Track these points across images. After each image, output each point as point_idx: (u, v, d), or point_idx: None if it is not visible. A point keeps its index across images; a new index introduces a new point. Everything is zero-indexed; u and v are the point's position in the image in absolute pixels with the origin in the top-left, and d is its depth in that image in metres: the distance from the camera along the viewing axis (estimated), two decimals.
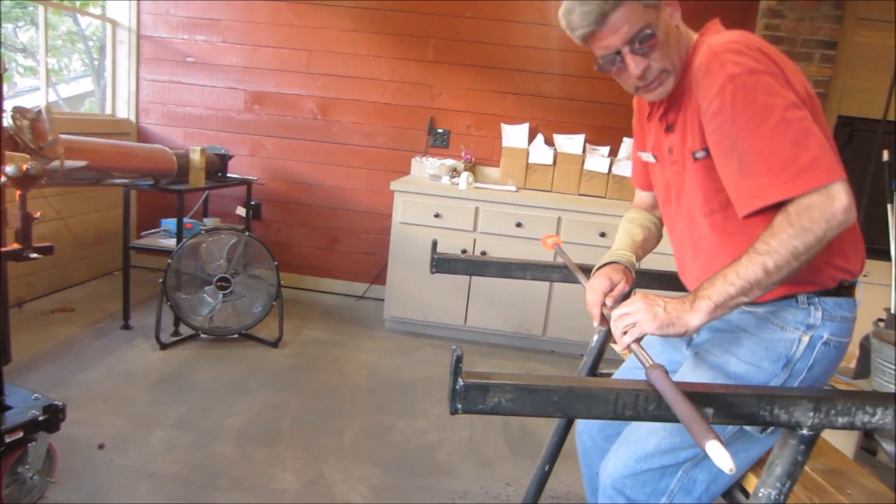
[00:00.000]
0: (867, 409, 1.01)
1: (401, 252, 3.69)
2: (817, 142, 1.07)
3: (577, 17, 1.20)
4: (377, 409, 2.83)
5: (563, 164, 3.98)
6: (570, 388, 0.95)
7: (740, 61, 1.11)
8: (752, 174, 1.10)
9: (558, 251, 1.80)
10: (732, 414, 0.99)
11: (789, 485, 1.03)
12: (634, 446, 1.34)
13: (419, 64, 4.14)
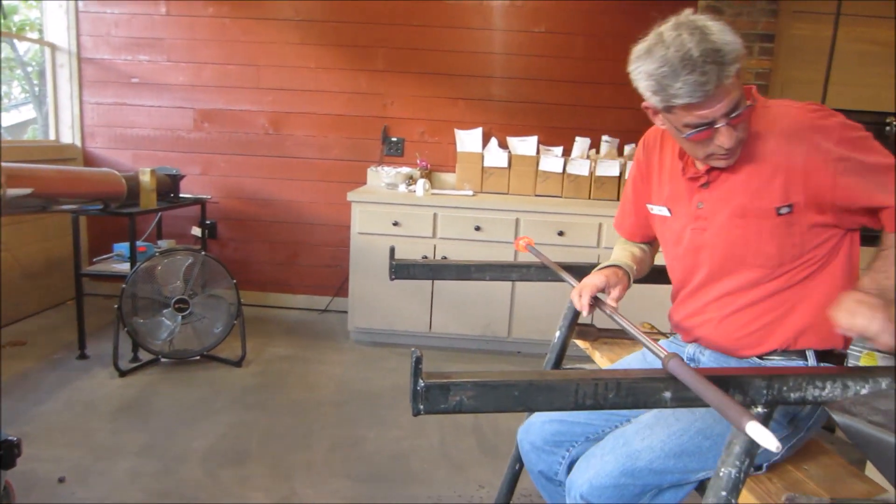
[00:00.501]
0: (817, 383, 1.04)
1: (361, 262, 3.67)
2: None
3: (684, 88, 1.14)
4: (346, 422, 2.80)
5: (518, 166, 4.01)
6: (530, 382, 0.96)
7: (835, 113, 1.26)
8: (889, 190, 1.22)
9: (532, 251, 1.82)
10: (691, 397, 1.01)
11: (748, 462, 1.06)
12: (624, 459, 1.32)
13: (369, 74, 4.14)
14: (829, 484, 1.28)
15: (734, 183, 1.32)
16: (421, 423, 2.81)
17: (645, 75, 1.20)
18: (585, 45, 4.08)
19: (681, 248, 1.45)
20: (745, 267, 1.35)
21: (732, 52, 1.14)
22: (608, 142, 4.08)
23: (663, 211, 1.48)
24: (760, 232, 1.31)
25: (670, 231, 1.48)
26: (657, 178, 1.51)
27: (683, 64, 1.13)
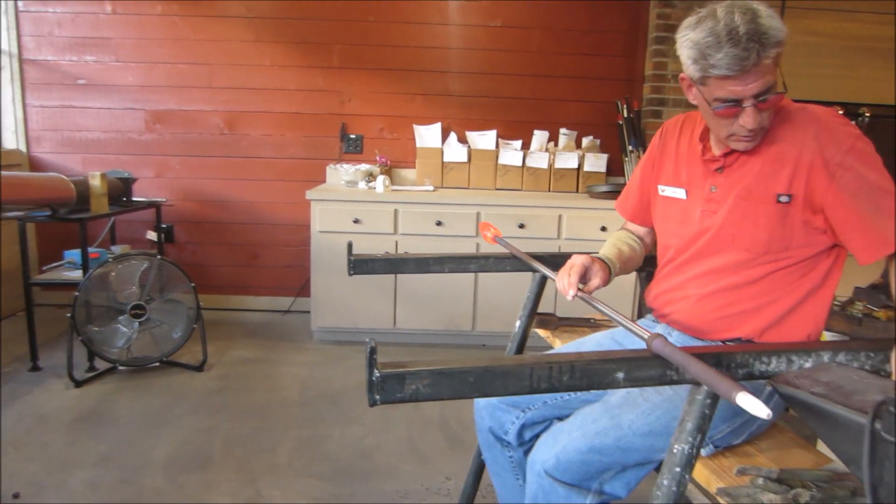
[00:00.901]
0: (763, 359, 1.07)
1: (322, 261, 3.65)
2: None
3: (725, 59, 1.19)
4: (311, 421, 2.78)
5: (477, 160, 4.03)
6: (485, 368, 0.97)
7: (855, 126, 1.30)
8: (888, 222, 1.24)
9: (500, 242, 1.82)
10: (641, 377, 1.03)
11: (700, 437, 1.08)
12: (592, 436, 1.34)
13: (325, 71, 4.10)
14: (779, 456, 1.32)
15: (747, 169, 1.37)
16: (387, 418, 2.81)
17: (690, 43, 1.25)
18: (542, 38, 4.11)
19: (687, 228, 1.49)
20: (733, 248, 1.39)
21: (775, 37, 1.19)
22: (566, 134, 4.13)
23: (679, 193, 1.51)
24: (757, 215, 1.35)
25: (681, 212, 1.51)
26: (672, 162, 1.55)
27: (729, 37, 1.18)
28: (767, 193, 1.34)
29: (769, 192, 1.34)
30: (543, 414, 1.58)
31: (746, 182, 1.37)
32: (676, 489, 1.10)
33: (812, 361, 1.09)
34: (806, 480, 1.18)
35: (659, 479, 1.14)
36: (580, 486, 1.35)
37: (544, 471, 1.36)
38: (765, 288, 1.39)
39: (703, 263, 1.45)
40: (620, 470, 1.37)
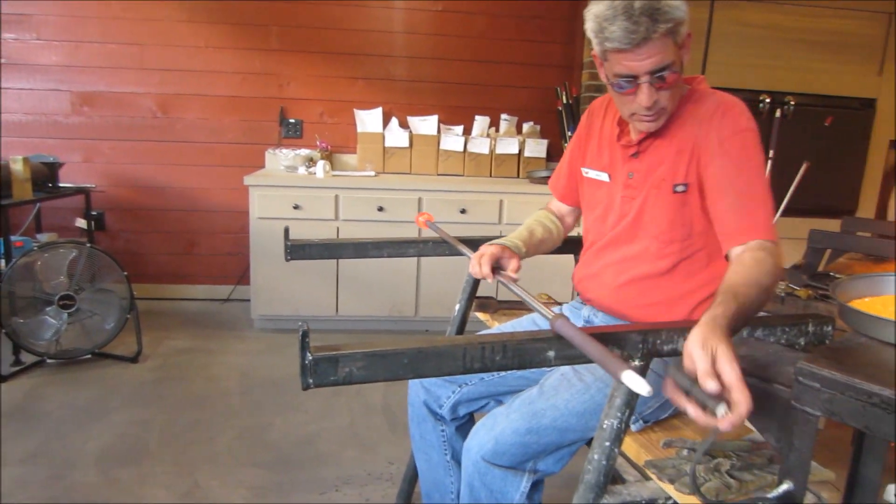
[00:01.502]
0: (686, 334, 1.11)
1: (262, 248, 3.58)
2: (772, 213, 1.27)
3: (617, 31, 1.20)
4: (252, 410, 2.74)
5: (419, 145, 4.02)
6: (418, 350, 0.98)
7: (751, 120, 1.30)
8: (749, 214, 1.24)
9: (431, 227, 1.82)
10: (572, 355, 1.06)
11: (628, 413, 1.12)
12: (529, 417, 1.36)
13: (263, 53, 4.01)
14: (703, 428, 1.38)
15: (659, 157, 1.38)
16: (329, 405, 2.80)
17: (592, 16, 1.25)
18: (484, 24, 4.12)
19: (609, 212, 1.50)
20: (646, 236, 1.42)
21: (670, 13, 1.19)
22: (507, 120, 4.16)
23: (602, 176, 1.52)
24: (662, 204, 1.38)
25: (606, 196, 1.52)
26: (596, 143, 1.55)
27: (624, 10, 1.19)
28: (668, 182, 1.37)
29: (669, 181, 1.37)
30: (480, 390, 1.60)
31: (658, 170, 1.39)
32: (606, 462, 1.14)
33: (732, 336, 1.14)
34: (727, 450, 1.24)
35: (590, 453, 1.17)
36: (516, 468, 1.38)
37: (481, 457, 1.38)
38: (677, 278, 1.42)
39: (620, 250, 1.48)
40: (555, 451, 1.40)
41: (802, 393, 0.86)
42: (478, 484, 1.39)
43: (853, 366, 0.84)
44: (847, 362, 0.86)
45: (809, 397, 0.85)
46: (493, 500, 1.39)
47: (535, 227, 1.66)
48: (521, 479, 1.39)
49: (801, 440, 0.89)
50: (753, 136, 1.29)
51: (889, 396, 0.77)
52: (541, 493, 1.44)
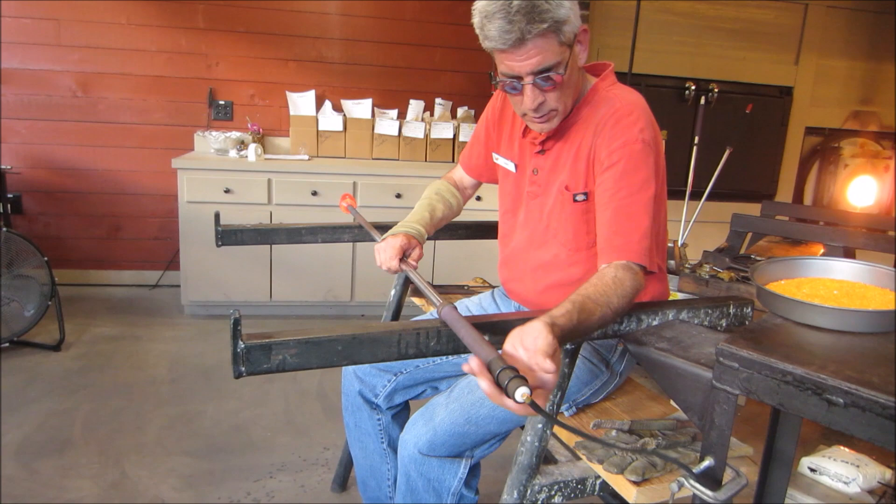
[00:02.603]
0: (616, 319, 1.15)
1: (192, 233, 3.47)
2: (652, 235, 1.21)
3: (494, 31, 1.15)
4: (182, 398, 2.67)
5: (353, 129, 3.97)
6: (353, 336, 0.97)
7: (645, 130, 1.23)
8: (622, 233, 1.20)
9: (352, 211, 1.80)
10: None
11: (560, 395, 1.15)
12: (469, 406, 1.35)
13: (190, 32, 3.85)
14: (633, 409, 1.44)
15: (562, 160, 1.35)
16: (263, 392, 2.76)
17: (476, 12, 1.21)
18: (418, 7, 4.08)
19: (520, 211, 1.48)
20: (554, 242, 1.40)
21: (548, 13, 1.14)
22: (442, 104, 4.15)
23: (510, 165, 1.49)
24: (567, 213, 1.36)
25: (513, 187, 1.50)
26: (508, 131, 1.50)
27: (501, 8, 1.14)
28: (570, 191, 1.34)
29: (571, 189, 1.34)
30: (415, 377, 1.60)
31: (563, 175, 1.35)
32: (539, 444, 1.17)
33: (659, 320, 1.19)
34: (654, 429, 1.29)
35: (523, 435, 1.20)
36: (454, 457, 1.39)
37: (418, 450, 1.37)
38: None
39: (536, 255, 1.44)
40: (493, 437, 1.41)
41: (722, 373, 0.90)
42: (415, 474, 1.40)
43: (769, 346, 0.89)
44: (764, 343, 0.90)
45: (729, 377, 0.90)
46: (430, 488, 1.40)
47: (436, 204, 1.61)
48: (458, 466, 1.40)
49: (721, 418, 0.93)
50: (643, 147, 1.22)
51: (801, 375, 0.81)
52: (478, 477, 1.47)
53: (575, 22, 1.19)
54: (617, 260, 1.18)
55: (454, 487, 1.40)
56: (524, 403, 0.79)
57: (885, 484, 1.42)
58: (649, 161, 1.22)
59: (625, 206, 1.21)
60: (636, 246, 1.19)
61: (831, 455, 1.48)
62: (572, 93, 1.28)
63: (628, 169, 1.22)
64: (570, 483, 1.25)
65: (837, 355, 0.87)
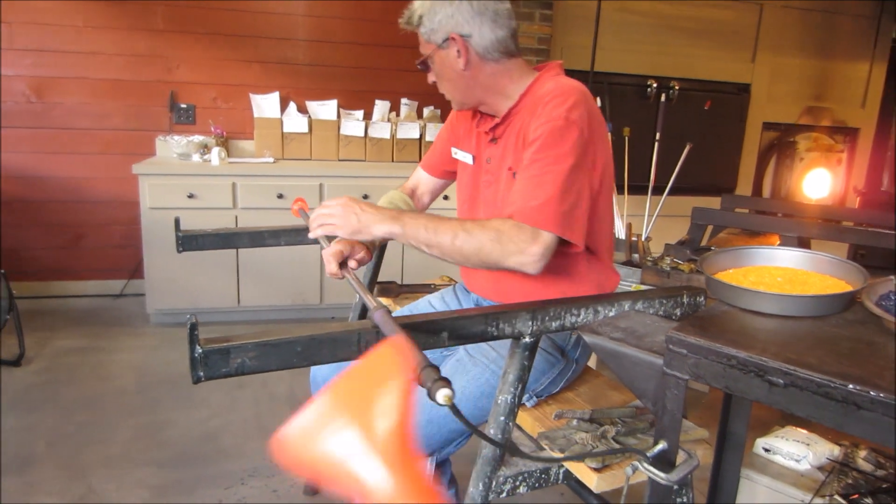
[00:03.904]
0: (573, 311, 1.18)
1: (156, 240, 3.43)
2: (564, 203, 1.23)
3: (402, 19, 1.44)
4: (149, 408, 2.64)
5: (319, 131, 3.96)
6: (311, 337, 0.98)
7: (574, 110, 1.27)
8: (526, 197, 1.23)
9: (302, 215, 1.80)
10: (465, 334, 1.09)
11: (521, 387, 1.17)
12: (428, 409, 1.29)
13: (148, 34, 3.80)
14: (594, 398, 1.47)
15: (510, 143, 1.41)
16: (233, 399, 2.74)
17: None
18: (381, 7, 4.08)
19: (476, 199, 1.53)
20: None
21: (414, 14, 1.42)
22: (407, 104, 4.16)
23: (468, 158, 1.54)
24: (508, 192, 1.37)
25: (470, 178, 1.54)
26: (467, 125, 1.57)
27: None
28: (511, 171, 1.39)
29: (513, 170, 1.39)
30: None
31: (506, 159, 1.42)
32: (502, 436, 1.19)
33: (615, 310, 1.22)
34: (614, 417, 1.32)
35: (486, 428, 1.22)
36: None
37: None
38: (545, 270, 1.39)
39: None
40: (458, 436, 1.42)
41: (672, 359, 0.93)
42: None
43: (716, 332, 0.92)
44: (710, 329, 0.93)
45: (678, 363, 0.92)
46: None
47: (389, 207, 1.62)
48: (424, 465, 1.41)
49: (672, 402, 0.96)
50: (565, 124, 1.26)
51: (744, 358, 0.85)
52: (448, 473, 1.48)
53: (442, 30, 1.38)
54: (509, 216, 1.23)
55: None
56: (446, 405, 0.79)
57: (833, 460, 1.48)
58: (571, 137, 1.26)
59: (536, 175, 1.25)
60: (532, 209, 1.21)
61: (784, 435, 1.53)
62: (457, 87, 1.44)
63: (548, 143, 1.26)
64: (535, 473, 1.28)
65: (779, 339, 0.90)
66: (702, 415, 2.74)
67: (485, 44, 1.37)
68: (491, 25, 1.37)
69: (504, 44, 1.39)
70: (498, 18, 1.37)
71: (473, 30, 1.36)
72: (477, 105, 1.47)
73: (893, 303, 0.98)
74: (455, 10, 1.36)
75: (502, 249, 1.20)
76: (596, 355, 1.14)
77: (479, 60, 1.39)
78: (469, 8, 1.35)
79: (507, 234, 1.20)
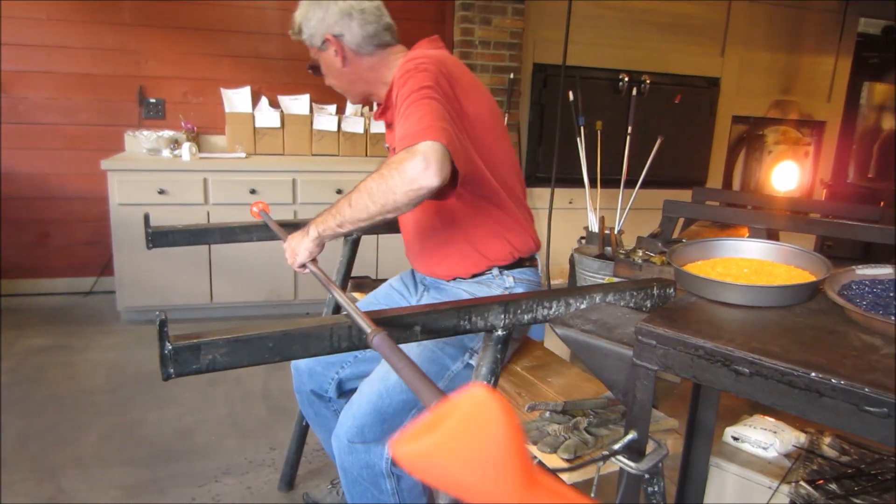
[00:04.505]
0: (545, 304, 1.19)
1: (126, 237, 3.37)
2: (434, 115, 1.23)
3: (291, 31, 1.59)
4: (121, 407, 2.61)
5: (291, 125, 3.93)
6: (283, 332, 0.98)
7: (418, 62, 1.35)
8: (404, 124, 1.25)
9: (265, 217, 1.79)
10: (438, 328, 1.10)
11: (494, 381, 1.18)
12: (378, 382, 1.41)
13: (116, 27, 3.73)
14: (567, 390, 1.48)
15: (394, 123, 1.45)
16: (206, 396, 2.71)
17: None
18: None
19: None
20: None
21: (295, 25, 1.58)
22: None
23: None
24: None
25: None
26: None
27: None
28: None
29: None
30: (356, 371, 1.64)
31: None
32: None
33: (587, 303, 1.23)
34: (586, 409, 1.34)
35: None
36: (379, 440, 1.42)
37: (347, 440, 1.43)
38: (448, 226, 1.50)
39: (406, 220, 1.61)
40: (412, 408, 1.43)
41: (642, 350, 0.95)
42: (348, 464, 1.43)
43: (683, 323, 0.94)
44: (679, 320, 0.95)
45: (648, 354, 0.94)
46: (365, 474, 1.42)
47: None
48: (382, 448, 1.42)
49: (642, 393, 0.97)
50: (416, 67, 1.34)
51: (711, 348, 0.86)
52: None
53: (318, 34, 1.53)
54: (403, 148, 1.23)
55: (384, 469, 1.42)
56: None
57: (799, 447, 1.51)
58: (424, 74, 1.32)
59: (404, 112, 1.28)
60: (409, 135, 1.21)
61: (752, 424, 1.56)
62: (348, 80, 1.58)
63: (404, 84, 1.32)
64: None
65: (744, 329, 0.92)
66: (673, 405, 2.79)
67: (357, 40, 1.51)
68: (359, 23, 1.50)
69: (377, 37, 1.52)
70: (364, 16, 1.51)
71: (344, 29, 1.50)
72: (367, 97, 1.62)
73: (855, 292, 1.01)
74: (325, 13, 1.51)
75: (397, 174, 1.19)
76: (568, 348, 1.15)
77: (355, 56, 1.53)
78: (337, 10, 1.50)
79: (395, 160, 1.20)
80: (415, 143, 1.18)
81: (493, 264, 1.51)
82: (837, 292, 0.99)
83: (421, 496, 1.48)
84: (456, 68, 1.42)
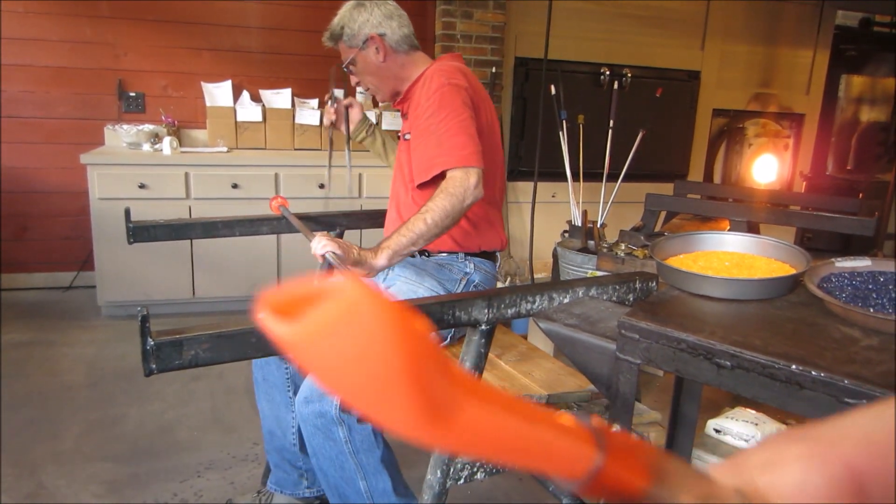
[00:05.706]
0: (528, 298, 1.19)
1: (106, 231, 3.33)
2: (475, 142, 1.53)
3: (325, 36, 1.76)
4: (102, 403, 2.58)
5: (273, 119, 3.90)
6: None
7: (452, 78, 1.58)
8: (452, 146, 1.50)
9: (284, 212, 1.79)
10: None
11: (477, 375, 1.18)
12: None
13: (93, 20, 3.68)
14: (550, 383, 1.49)
15: (411, 115, 1.69)
16: (189, 391, 2.69)
17: None
18: None
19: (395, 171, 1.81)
20: (402, 185, 1.73)
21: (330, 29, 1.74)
22: (363, 93, 4.10)
23: (407, 136, 1.73)
24: (405, 155, 1.70)
25: (404, 155, 1.75)
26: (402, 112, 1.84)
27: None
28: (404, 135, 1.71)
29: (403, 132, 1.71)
30: None
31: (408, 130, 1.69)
32: None
33: (570, 297, 1.23)
34: (570, 402, 1.35)
35: None
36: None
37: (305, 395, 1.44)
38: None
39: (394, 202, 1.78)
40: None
41: (625, 344, 0.95)
42: (306, 415, 1.43)
43: (666, 317, 0.95)
44: (661, 314, 0.96)
45: (630, 347, 0.95)
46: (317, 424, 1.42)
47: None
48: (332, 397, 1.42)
49: (625, 386, 0.98)
50: (449, 90, 1.56)
51: (693, 342, 0.87)
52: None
53: (361, 34, 1.69)
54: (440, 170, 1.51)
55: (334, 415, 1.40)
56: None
57: None
58: (460, 95, 1.56)
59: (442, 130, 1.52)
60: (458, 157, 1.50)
61: (733, 416, 1.58)
62: (379, 78, 1.74)
63: (444, 103, 1.54)
64: None
65: (726, 322, 0.93)
66: (656, 398, 2.81)
67: (396, 38, 1.70)
68: (398, 24, 1.71)
69: (409, 39, 1.73)
70: (401, 20, 1.72)
71: (387, 29, 1.69)
72: (395, 93, 1.78)
73: (834, 284, 1.02)
74: (370, 15, 1.69)
75: (461, 192, 1.46)
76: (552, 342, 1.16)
77: (393, 53, 1.71)
78: (380, 12, 1.69)
79: (451, 183, 1.47)
80: (467, 165, 1.49)
81: (461, 251, 1.71)
82: (817, 285, 1.00)
83: (374, 446, 1.47)
84: (476, 82, 1.65)
